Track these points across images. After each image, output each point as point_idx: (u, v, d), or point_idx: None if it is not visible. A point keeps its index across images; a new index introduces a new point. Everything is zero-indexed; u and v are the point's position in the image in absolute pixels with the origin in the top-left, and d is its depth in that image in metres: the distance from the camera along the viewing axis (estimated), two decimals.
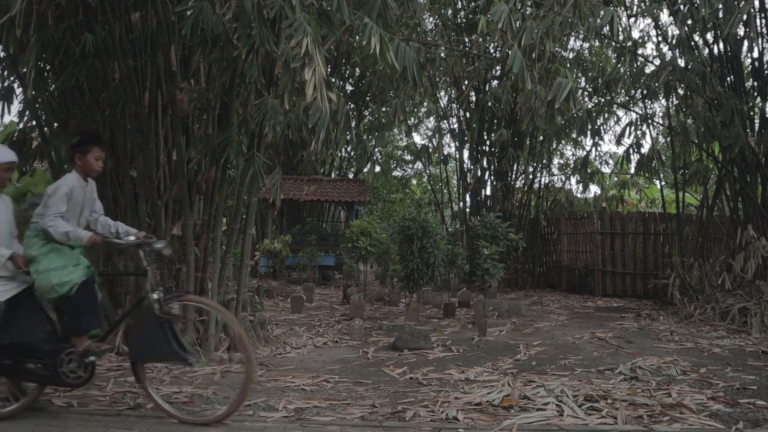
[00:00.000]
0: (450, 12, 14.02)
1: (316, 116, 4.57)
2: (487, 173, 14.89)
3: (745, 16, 7.83)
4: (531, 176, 15.47)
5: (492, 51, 12.39)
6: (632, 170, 11.62)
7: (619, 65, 10.21)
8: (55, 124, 6.27)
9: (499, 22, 6.45)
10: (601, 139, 16.39)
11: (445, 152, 17.34)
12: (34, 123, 6.49)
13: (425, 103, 17.91)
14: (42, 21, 5.18)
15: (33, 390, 3.86)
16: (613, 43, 10.20)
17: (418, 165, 23.01)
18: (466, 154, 15.58)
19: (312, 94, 4.44)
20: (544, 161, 15.51)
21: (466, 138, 15.02)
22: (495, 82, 14.31)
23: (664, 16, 24.92)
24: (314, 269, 14.29)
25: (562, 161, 17.05)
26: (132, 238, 3.85)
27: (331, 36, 5.61)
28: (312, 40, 4.36)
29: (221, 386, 4.67)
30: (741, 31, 8.90)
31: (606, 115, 13.01)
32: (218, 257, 6.21)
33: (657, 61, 10.34)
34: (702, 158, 10.40)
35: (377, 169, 20.20)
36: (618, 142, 11.22)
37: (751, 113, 9.36)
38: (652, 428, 3.78)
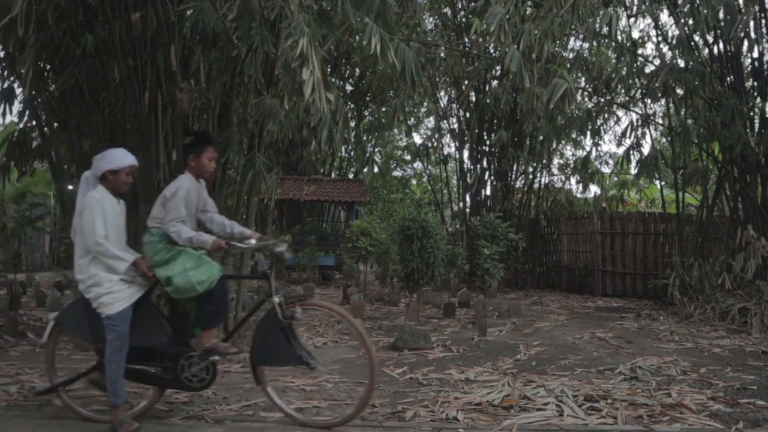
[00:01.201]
0: (450, 12, 14.02)
1: (317, 116, 4.58)
2: (487, 173, 14.89)
3: (752, 22, 7.83)
4: (531, 176, 15.47)
5: (492, 51, 12.39)
6: (632, 170, 11.63)
7: (619, 65, 10.21)
8: (55, 124, 6.27)
9: (492, 25, 6.46)
10: (601, 139, 16.38)
11: (445, 152, 17.36)
12: (34, 123, 6.49)
13: (425, 103, 17.92)
14: (42, 21, 5.17)
15: (153, 393, 3.85)
16: (613, 44, 10.20)
17: (418, 165, 23.03)
18: (466, 154, 15.58)
19: (310, 95, 4.44)
20: (544, 161, 15.50)
21: (466, 138, 15.02)
22: (495, 82, 14.31)
23: (664, 16, 24.94)
24: (314, 269, 14.29)
25: (562, 161, 17.05)
26: (253, 241, 3.78)
27: (331, 36, 5.62)
28: (308, 41, 4.36)
29: (220, 386, 4.67)
30: (741, 32, 8.89)
31: (606, 115, 13.01)
32: (218, 257, 6.20)
33: (657, 61, 10.35)
34: (701, 158, 10.40)
35: (376, 170, 20.20)
36: (619, 143, 11.24)
37: (751, 113, 9.36)
38: (652, 428, 3.77)
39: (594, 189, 16.81)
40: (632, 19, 12.79)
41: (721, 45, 9.49)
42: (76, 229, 3.60)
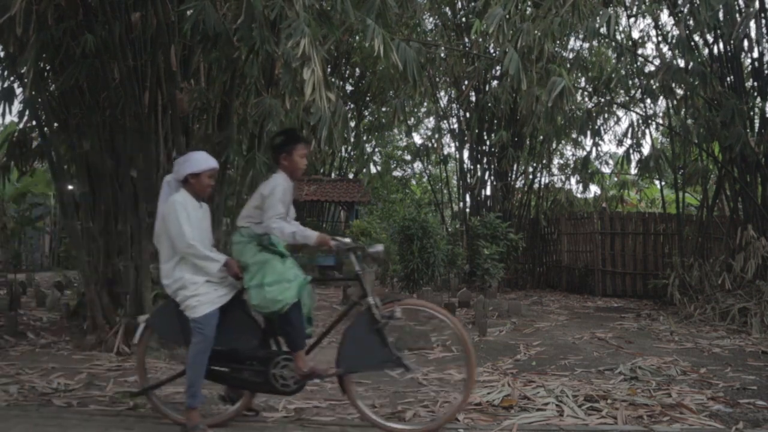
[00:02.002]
0: (449, 12, 14.02)
1: (317, 115, 4.59)
2: (487, 173, 14.89)
3: (753, 22, 7.84)
4: (531, 176, 15.46)
5: (492, 51, 12.39)
6: (633, 170, 11.63)
7: (618, 65, 10.21)
8: (55, 124, 6.27)
9: (491, 27, 6.46)
10: (601, 139, 16.39)
11: (445, 152, 17.36)
12: (34, 123, 6.49)
13: (425, 104, 17.91)
14: (42, 21, 5.18)
15: (245, 396, 3.81)
16: (613, 44, 10.21)
17: (418, 165, 23.03)
18: (466, 154, 15.57)
19: (310, 94, 4.45)
20: (544, 161, 15.49)
21: (466, 138, 15.01)
22: (495, 83, 14.31)
23: (664, 16, 24.94)
24: (314, 269, 14.29)
25: (562, 161, 17.04)
26: (348, 240, 3.74)
27: (331, 36, 5.62)
28: (310, 41, 4.37)
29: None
30: (743, 33, 8.89)
31: (606, 115, 13.01)
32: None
33: (657, 61, 10.34)
34: (701, 158, 10.40)
35: (375, 170, 20.19)
36: (620, 143, 11.25)
37: (751, 113, 9.36)
38: (652, 428, 3.77)
39: (594, 189, 16.82)
40: (632, 19, 12.79)
41: (721, 45, 9.48)
42: (160, 234, 3.58)
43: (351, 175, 21.13)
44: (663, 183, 13.40)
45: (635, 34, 17.95)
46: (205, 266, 3.50)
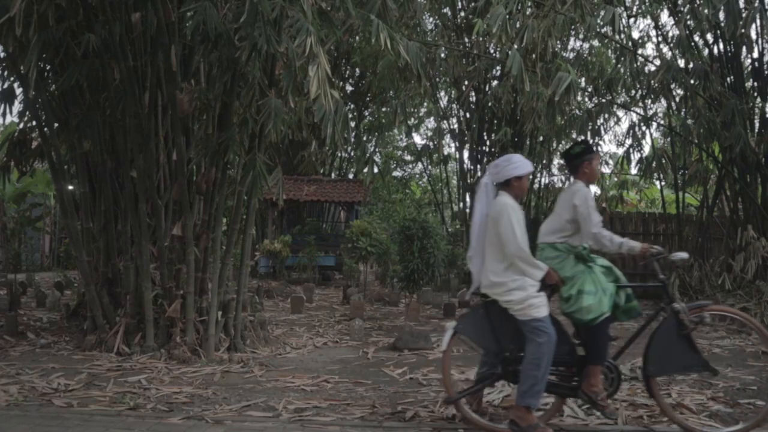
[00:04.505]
0: (449, 12, 14.01)
1: (320, 112, 4.59)
2: None
3: (757, 20, 7.85)
4: (531, 176, 15.46)
5: (492, 51, 12.38)
6: (633, 170, 11.64)
7: (619, 65, 10.21)
8: (55, 124, 6.27)
9: (494, 26, 6.46)
10: (601, 139, 16.38)
11: (445, 152, 17.35)
12: (34, 123, 6.49)
13: (425, 104, 17.90)
14: (43, 21, 5.17)
15: (554, 403, 3.82)
16: (614, 43, 10.20)
17: (418, 165, 23.03)
18: (466, 154, 15.58)
19: (316, 91, 4.46)
20: (544, 161, 15.49)
21: (466, 138, 15.01)
22: (495, 83, 14.31)
23: (664, 16, 24.94)
24: (314, 269, 14.28)
25: (562, 161, 17.04)
26: (655, 249, 3.85)
27: (332, 36, 5.63)
28: (315, 40, 4.39)
29: (220, 387, 4.67)
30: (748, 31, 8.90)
31: (606, 116, 13.01)
32: (218, 257, 6.21)
33: (657, 62, 10.34)
34: (701, 158, 10.40)
35: (375, 170, 20.18)
36: (620, 143, 11.25)
37: (751, 113, 9.37)
38: (652, 428, 3.78)
39: (594, 189, 16.80)
40: (632, 20, 12.79)
41: (721, 45, 9.49)
42: (489, 235, 3.62)
43: (351, 176, 21.10)
44: (663, 183, 13.41)
45: (635, 35, 17.94)
46: (530, 273, 3.54)
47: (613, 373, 3.70)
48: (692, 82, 8.55)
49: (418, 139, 30.38)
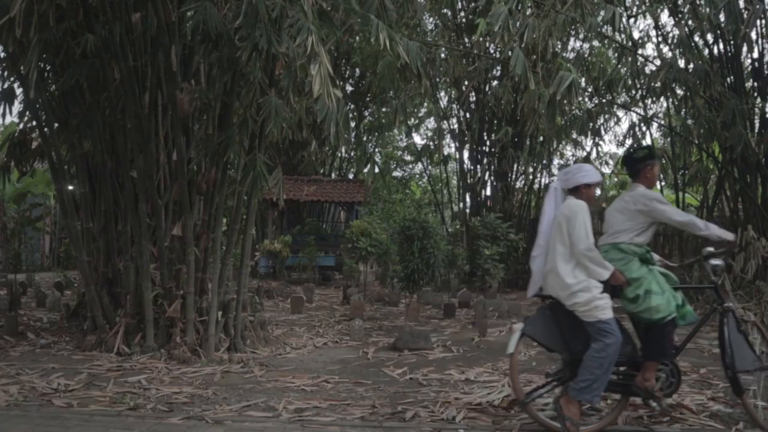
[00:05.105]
0: (450, 13, 14.01)
1: (324, 111, 4.59)
2: (488, 174, 14.88)
3: (762, 20, 7.85)
4: (531, 177, 15.46)
5: (492, 51, 12.38)
6: None
7: (619, 65, 10.21)
8: (56, 124, 6.27)
9: (496, 25, 6.47)
10: (602, 139, 16.40)
11: (446, 153, 17.36)
12: (34, 123, 6.49)
13: (425, 104, 17.91)
14: (43, 21, 5.17)
15: (619, 402, 3.83)
16: (614, 43, 10.20)
17: (418, 165, 23.04)
18: (466, 154, 15.58)
19: (318, 90, 4.46)
20: (545, 162, 15.50)
21: (466, 138, 15.01)
22: (495, 83, 14.31)
23: (665, 17, 24.94)
24: (314, 270, 14.28)
25: (562, 162, 17.05)
26: (710, 249, 3.97)
27: (332, 36, 5.63)
28: (316, 39, 4.40)
29: (220, 387, 4.67)
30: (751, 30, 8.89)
31: (606, 116, 13.02)
32: (218, 257, 6.21)
33: (657, 62, 10.34)
34: (702, 158, 10.41)
35: (376, 170, 20.20)
36: (621, 143, 11.25)
37: (751, 113, 9.37)
38: (652, 428, 3.78)
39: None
40: (632, 20, 12.79)
41: (721, 45, 9.50)
42: (558, 236, 3.67)
43: (351, 176, 21.11)
44: (663, 183, 13.41)
45: (635, 35, 17.95)
46: (597, 273, 3.58)
47: (674, 374, 3.76)
48: (694, 82, 8.54)
49: (418, 139, 30.40)
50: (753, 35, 8.78)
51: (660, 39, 12.11)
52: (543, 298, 3.86)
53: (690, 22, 9.16)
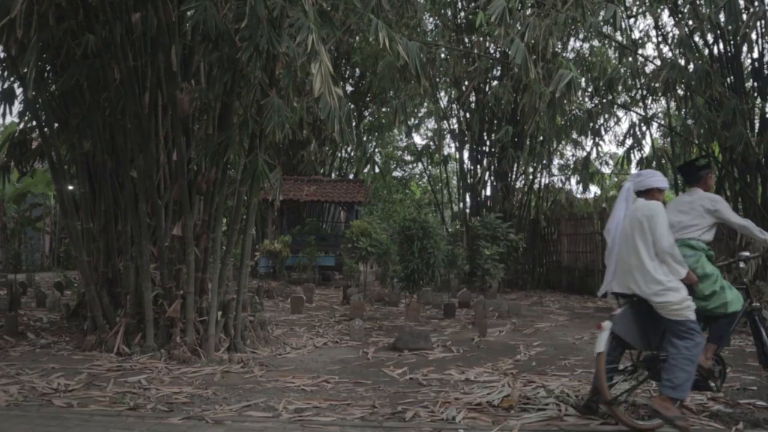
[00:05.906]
0: (450, 13, 14.02)
1: (326, 110, 4.60)
2: (488, 174, 14.89)
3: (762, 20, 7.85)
4: (531, 177, 15.47)
5: (492, 51, 12.38)
6: (633, 170, 11.63)
7: (619, 65, 10.21)
8: (56, 124, 6.27)
9: (493, 15, 6.48)
10: (602, 139, 16.41)
11: (446, 153, 17.35)
12: (34, 123, 6.49)
13: (425, 104, 17.91)
14: (43, 22, 5.18)
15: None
16: (614, 43, 10.21)
17: (419, 165, 23.03)
18: (466, 154, 15.59)
19: (319, 88, 4.46)
20: (545, 162, 15.50)
21: (466, 138, 15.02)
22: (495, 83, 14.31)
23: (665, 17, 24.95)
24: (314, 269, 14.28)
25: (562, 162, 17.06)
26: (746, 254, 4.41)
27: (332, 36, 5.63)
28: (317, 37, 4.40)
29: (220, 387, 4.67)
30: (752, 30, 8.89)
31: (606, 116, 13.02)
32: (218, 257, 6.21)
33: (657, 62, 10.35)
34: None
35: (376, 170, 20.20)
36: (621, 143, 11.25)
37: (751, 113, 9.37)
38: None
39: (594, 189, 16.82)
40: (632, 20, 12.79)
41: (721, 45, 9.49)
42: (638, 235, 3.78)
43: (351, 176, 21.11)
44: None
45: (635, 35, 17.97)
46: (677, 270, 3.71)
47: (719, 362, 3.99)
48: (697, 81, 8.54)
49: (418, 139, 30.37)
50: (753, 35, 8.78)
51: (660, 39, 12.12)
52: (618, 297, 4.00)
53: (690, 22, 9.16)
